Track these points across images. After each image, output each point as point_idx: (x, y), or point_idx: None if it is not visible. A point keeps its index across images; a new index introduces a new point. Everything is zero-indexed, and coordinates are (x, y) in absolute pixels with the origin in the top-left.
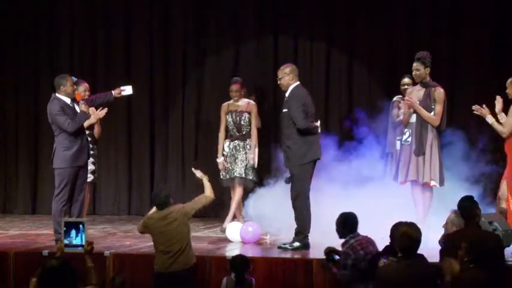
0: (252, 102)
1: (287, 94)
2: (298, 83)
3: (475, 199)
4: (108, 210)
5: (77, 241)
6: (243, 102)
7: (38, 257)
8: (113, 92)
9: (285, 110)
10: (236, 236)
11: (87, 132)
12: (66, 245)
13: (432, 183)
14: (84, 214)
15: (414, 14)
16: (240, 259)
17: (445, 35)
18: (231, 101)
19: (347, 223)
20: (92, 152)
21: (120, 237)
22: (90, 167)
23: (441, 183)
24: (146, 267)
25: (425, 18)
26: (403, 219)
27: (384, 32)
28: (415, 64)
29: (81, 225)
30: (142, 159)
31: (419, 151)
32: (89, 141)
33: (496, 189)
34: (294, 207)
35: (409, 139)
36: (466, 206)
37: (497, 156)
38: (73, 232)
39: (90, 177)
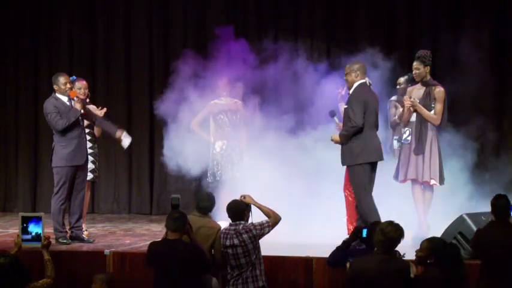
0: (239, 101)
1: (350, 91)
2: (363, 80)
3: (508, 198)
4: (108, 208)
5: (35, 236)
6: (231, 101)
7: (38, 255)
8: (117, 132)
9: (345, 107)
10: None
11: (87, 130)
12: (24, 240)
13: (432, 182)
14: (84, 213)
15: (415, 13)
16: None
17: (446, 34)
18: (218, 100)
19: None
20: (91, 151)
21: (120, 235)
22: (90, 165)
23: (441, 181)
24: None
25: (426, 18)
26: (403, 219)
27: (384, 31)
28: (415, 63)
29: (39, 220)
30: (142, 157)
31: (419, 150)
32: (87, 139)
33: None
34: (358, 211)
35: (409, 138)
36: (503, 205)
37: None
38: (31, 227)
39: (90, 176)
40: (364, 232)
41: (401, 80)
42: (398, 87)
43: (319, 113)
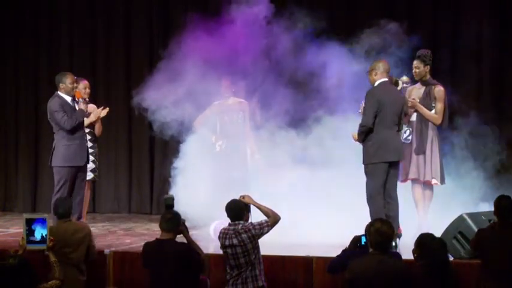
0: (244, 101)
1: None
2: (383, 79)
3: (511, 198)
4: (108, 208)
5: (39, 238)
6: (234, 101)
7: (38, 255)
8: None
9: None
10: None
11: (87, 130)
12: (29, 242)
13: (433, 181)
14: (84, 212)
15: (416, 13)
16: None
17: (446, 33)
18: (222, 100)
19: None
20: (92, 150)
21: (121, 235)
22: (90, 165)
23: (442, 181)
24: None
25: (427, 16)
26: (403, 218)
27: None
28: (415, 62)
29: (43, 222)
30: (143, 157)
31: (420, 149)
32: (88, 140)
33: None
34: (368, 207)
35: (410, 137)
36: (506, 205)
37: None
38: (35, 229)
39: (90, 175)
40: (363, 240)
41: (405, 78)
42: (403, 86)
43: (326, 100)
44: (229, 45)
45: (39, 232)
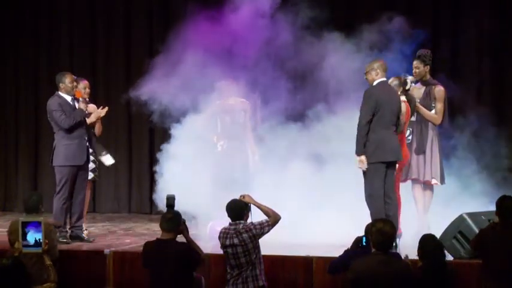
0: (245, 100)
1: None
2: (383, 79)
3: None
4: (108, 208)
5: (32, 242)
6: (236, 101)
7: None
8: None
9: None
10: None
11: None
12: (24, 245)
13: (433, 181)
14: (85, 212)
15: (415, 12)
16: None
17: (446, 33)
18: (223, 100)
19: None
20: (92, 150)
21: (121, 235)
22: (91, 164)
23: (442, 181)
24: None
25: (427, 16)
26: (403, 218)
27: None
28: (414, 62)
29: (37, 226)
30: (143, 156)
31: (420, 149)
32: (88, 139)
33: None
34: (368, 207)
35: (410, 137)
36: (508, 206)
37: None
38: (30, 232)
39: (90, 175)
40: (364, 240)
41: (411, 77)
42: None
43: (328, 97)
44: (231, 37)
45: (32, 236)
